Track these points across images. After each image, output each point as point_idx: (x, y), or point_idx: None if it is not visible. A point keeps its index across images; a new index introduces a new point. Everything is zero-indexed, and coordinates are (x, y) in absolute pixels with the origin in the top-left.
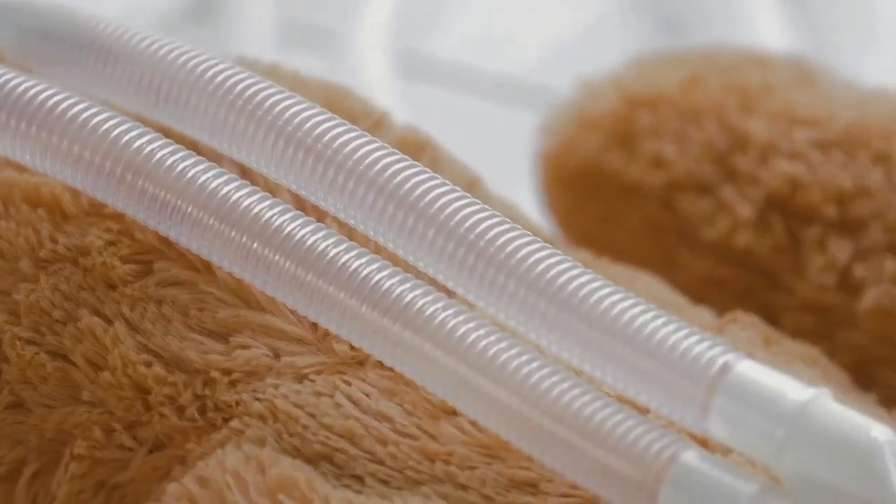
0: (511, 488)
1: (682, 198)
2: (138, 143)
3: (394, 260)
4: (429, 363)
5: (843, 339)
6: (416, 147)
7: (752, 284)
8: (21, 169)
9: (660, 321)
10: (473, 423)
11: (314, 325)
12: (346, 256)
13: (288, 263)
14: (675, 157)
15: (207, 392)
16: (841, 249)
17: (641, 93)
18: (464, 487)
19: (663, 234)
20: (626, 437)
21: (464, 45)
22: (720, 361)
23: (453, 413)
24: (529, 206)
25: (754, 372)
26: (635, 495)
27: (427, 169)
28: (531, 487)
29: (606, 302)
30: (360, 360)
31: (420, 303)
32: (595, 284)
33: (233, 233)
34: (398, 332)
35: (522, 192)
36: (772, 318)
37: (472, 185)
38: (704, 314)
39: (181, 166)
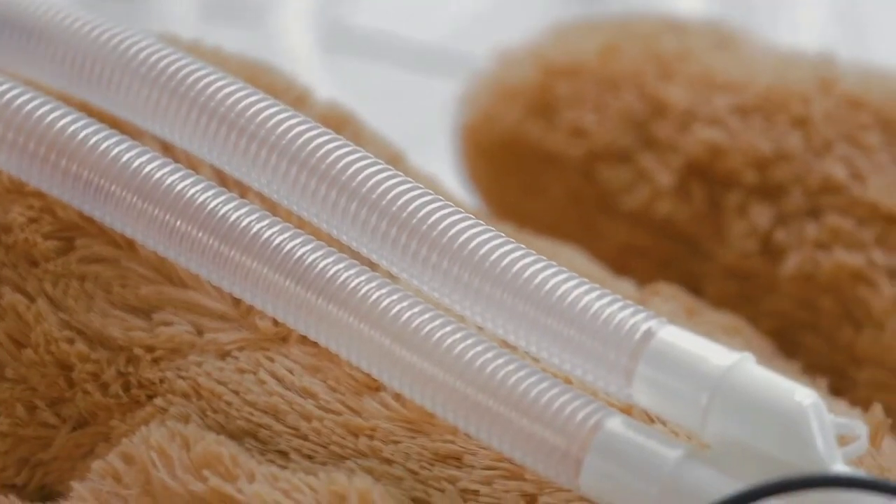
0: (435, 462)
1: (602, 167)
2: (61, 123)
3: (317, 234)
4: (353, 337)
5: (766, 304)
6: (339, 122)
7: (674, 252)
8: None
9: (583, 289)
10: (397, 399)
11: (237, 302)
12: (269, 231)
13: (210, 239)
14: (595, 127)
15: (131, 369)
16: (762, 215)
17: (559, 62)
18: (388, 462)
19: (584, 203)
20: (551, 406)
21: (385, 16)
22: (643, 328)
23: (377, 389)
24: (451, 179)
25: (677, 338)
26: (561, 463)
27: (350, 143)
28: (455, 461)
29: (529, 271)
30: (283, 336)
31: (343, 276)
32: (518, 254)
33: (155, 210)
34: (322, 307)
35: (444, 162)
36: (694, 285)
37: (394, 160)
38: (627, 286)
39: (104, 145)
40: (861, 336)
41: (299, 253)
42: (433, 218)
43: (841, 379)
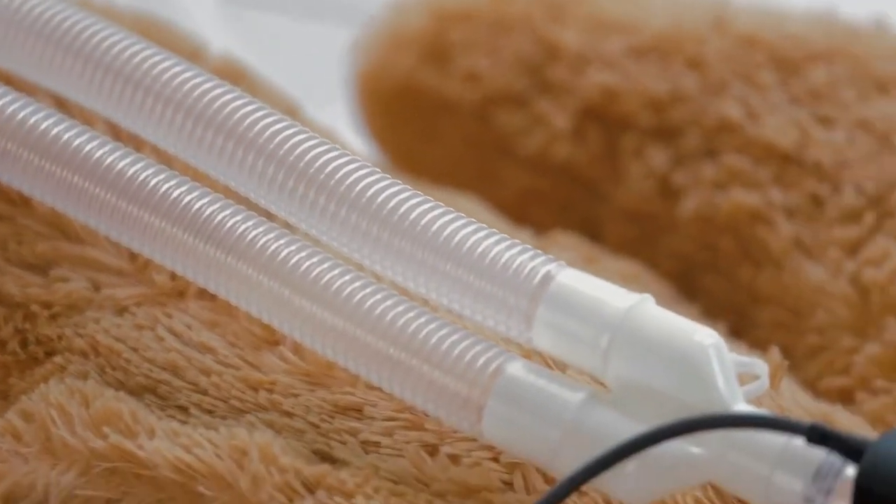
0: (336, 414)
1: (497, 112)
2: None
3: (214, 187)
4: (252, 288)
5: (665, 247)
6: (234, 75)
7: (573, 197)
8: None
9: (481, 234)
10: (296, 352)
11: (134, 257)
12: (166, 185)
13: (107, 194)
14: (489, 72)
15: (28, 326)
16: (658, 157)
17: (452, 8)
18: (289, 415)
19: (481, 149)
20: (451, 353)
21: None
22: (542, 272)
23: (275, 343)
24: (348, 129)
25: (577, 281)
26: (463, 410)
27: (245, 95)
28: (356, 412)
29: (427, 217)
30: (180, 291)
31: (241, 228)
32: (415, 201)
33: (51, 166)
34: (220, 259)
35: (341, 112)
36: (594, 230)
37: (291, 111)
38: (524, 236)
39: None
40: (760, 275)
41: (197, 206)
42: (330, 167)
43: (741, 319)
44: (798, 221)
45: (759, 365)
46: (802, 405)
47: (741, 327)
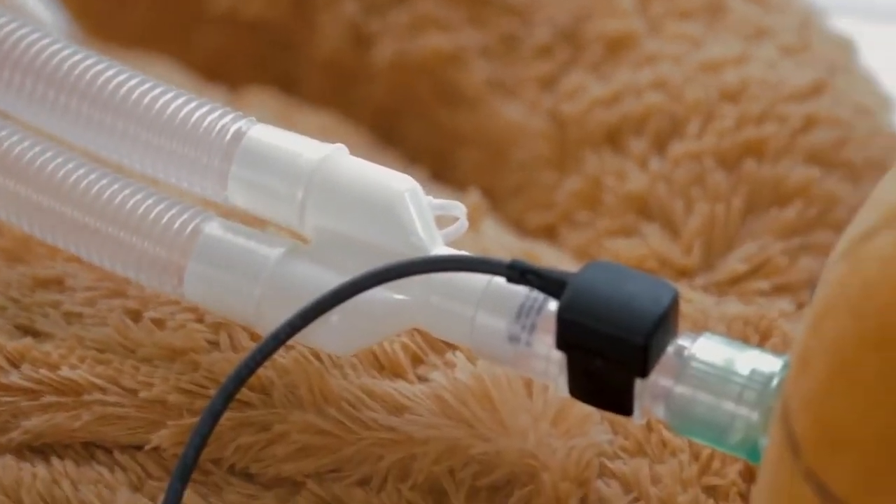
0: (36, 288)
1: None
2: None
3: None
4: None
5: (363, 96)
6: None
7: (266, 52)
8: None
9: (169, 96)
10: None
11: None
12: None
13: None
14: None
15: None
16: (350, 6)
17: None
18: None
19: (172, 12)
20: (148, 217)
21: None
22: (233, 129)
23: None
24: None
25: (269, 136)
26: (164, 273)
27: None
28: (57, 285)
29: (114, 83)
30: None
31: None
32: (100, 67)
33: None
34: None
35: None
36: (290, 84)
37: None
38: (219, 94)
39: None
40: (458, 118)
41: None
42: (13, 38)
43: (443, 162)
44: (493, 61)
45: (457, 207)
46: (506, 244)
47: (443, 170)
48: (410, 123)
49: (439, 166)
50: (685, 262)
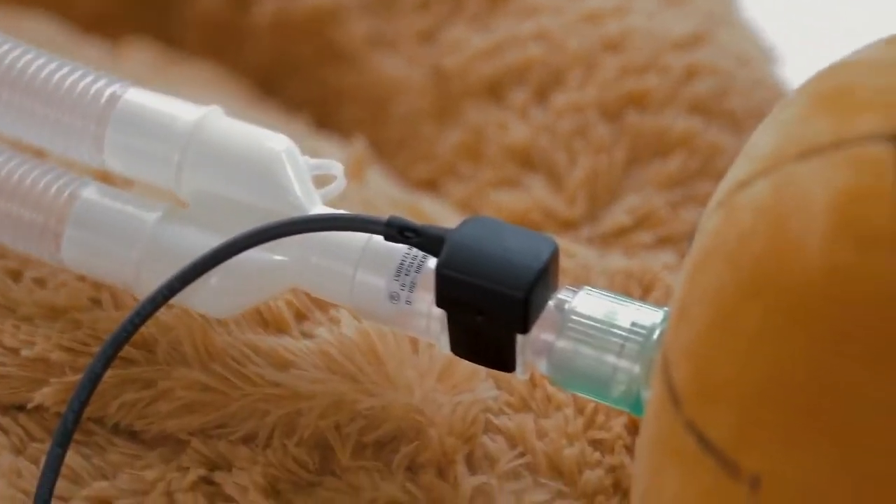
0: None
1: None
2: None
3: None
4: None
5: (244, 54)
6: None
7: (147, 9)
8: None
9: (41, 61)
10: None
11: None
12: None
13: None
14: None
15: None
16: None
17: None
18: None
19: None
20: (24, 183)
21: None
22: (107, 93)
23: None
24: None
25: (144, 99)
26: (41, 239)
27: None
28: None
29: None
30: None
31: None
32: None
33: None
34: None
35: None
36: (171, 41)
37: None
38: (97, 51)
39: None
40: (340, 74)
41: None
42: None
43: (326, 119)
44: (372, 16)
45: (334, 166)
46: (391, 197)
47: (326, 126)
48: (293, 80)
49: (322, 117)
50: (569, 214)
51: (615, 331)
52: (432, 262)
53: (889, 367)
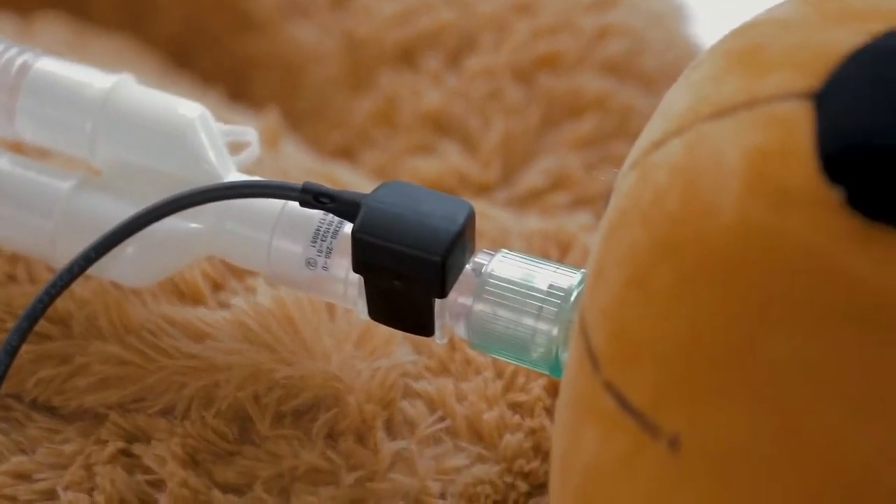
0: None
1: None
2: None
3: None
4: None
5: (157, 26)
6: None
7: None
8: None
9: None
10: None
11: None
12: None
13: None
14: None
15: None
16: None
17: None
18: None
19: None
20: None
21: None
22: (18, 62)
23: None
24: None
25: (55, 68)
26: None
27: None
28: None
29: None
30: None
31: None
32: None
33: None
34: None
35: None
36: (82, 14)
37: None
38: (9, 23)
39: None
40: (251, 42)
41: None
42: None
43: (240, 87)
44: None
45: (249, 132)
46: (305, 165)
47: (240, 93)
48: (204, 50)
49: (236, 89)
50: (484, 178)
51: (533, 293)
52: (349, 227)
53: (803, 324)
